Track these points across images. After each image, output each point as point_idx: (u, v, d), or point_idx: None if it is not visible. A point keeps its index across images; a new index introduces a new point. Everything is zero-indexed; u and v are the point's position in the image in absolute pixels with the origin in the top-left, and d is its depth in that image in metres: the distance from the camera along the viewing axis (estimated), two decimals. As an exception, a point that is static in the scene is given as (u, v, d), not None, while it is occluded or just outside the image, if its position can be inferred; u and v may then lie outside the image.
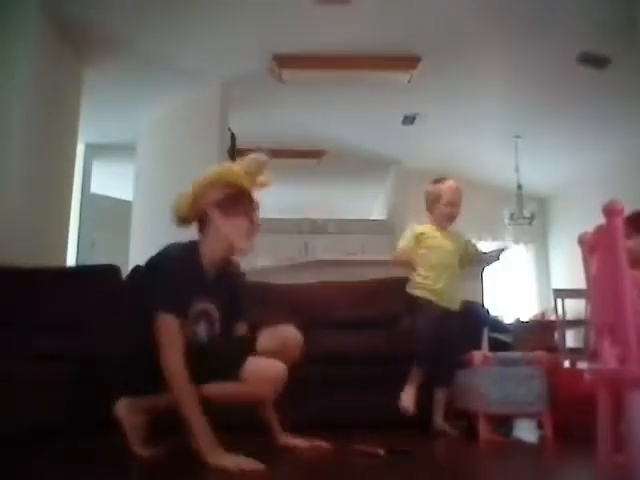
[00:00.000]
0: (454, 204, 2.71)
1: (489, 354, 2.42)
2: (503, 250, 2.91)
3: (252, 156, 1.88)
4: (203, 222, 1.85)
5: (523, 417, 2.52)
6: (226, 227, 1.83)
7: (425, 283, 2.64)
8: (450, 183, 2.75)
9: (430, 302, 2.58)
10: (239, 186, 1.84)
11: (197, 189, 1.83)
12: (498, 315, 5.97)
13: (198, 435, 1.58)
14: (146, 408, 1.82)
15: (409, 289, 2.70)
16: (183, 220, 1.86)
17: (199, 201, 1.83)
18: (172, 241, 1.83)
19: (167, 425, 1.71)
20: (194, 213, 1.85)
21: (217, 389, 1.70)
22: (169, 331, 1.67)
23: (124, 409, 1.82)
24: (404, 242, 2.74)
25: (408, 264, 2.73)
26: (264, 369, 1.72)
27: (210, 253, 1.85)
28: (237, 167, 1.86)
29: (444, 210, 2.71)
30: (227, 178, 1.84)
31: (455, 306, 2.65)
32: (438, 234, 2.72)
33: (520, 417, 2.51)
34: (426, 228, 2.75)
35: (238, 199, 1.85)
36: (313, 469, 1.71)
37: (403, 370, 2.53)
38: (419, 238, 2.70)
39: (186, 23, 4.44)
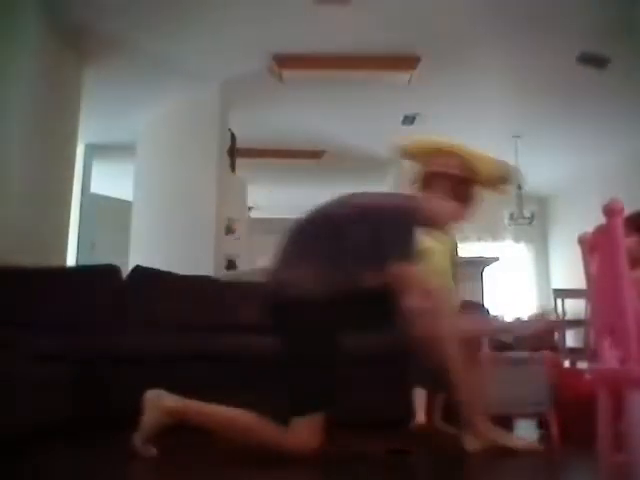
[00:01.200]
0: None
1: (494, 354, 2.42)
2: None
3: (505, 162, 1.97)
4: (431, 183, 1.94)
5: (527, 417, 2.51)
6: (448, 206, 1.94)
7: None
8: None
9: None
10: (478, 177, 1.92)
11: (447, 150, 1.93)
12: (498, 315, 5.96)
13: (471, 405, 1.72)
14: (174, 409, 1.72)
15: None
16: (408, 157, 1.98)
17: (434, 160, 1.92)
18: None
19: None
20: (420, 161, 1.96)
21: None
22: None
23: (154, 399, 1.74)
24: None
25: None
26: (311, 437, 1.70)
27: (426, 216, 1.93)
28: (485, 163, 1.93)
29: None
30: (476, 166, 1.90)
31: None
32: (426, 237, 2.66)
33: (524, 417, 2.51)
34: None
35: (470, 188, 1.94)
36: (314, 469, 1.70)
37: (403, 370, 2.52)
38: None
39: (186, 23, 4.44)
